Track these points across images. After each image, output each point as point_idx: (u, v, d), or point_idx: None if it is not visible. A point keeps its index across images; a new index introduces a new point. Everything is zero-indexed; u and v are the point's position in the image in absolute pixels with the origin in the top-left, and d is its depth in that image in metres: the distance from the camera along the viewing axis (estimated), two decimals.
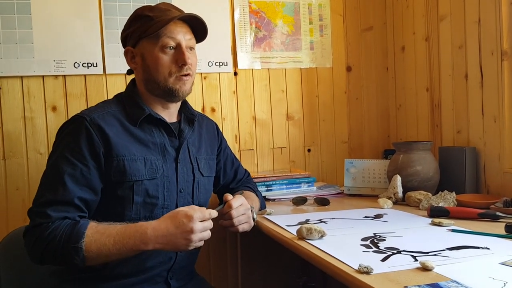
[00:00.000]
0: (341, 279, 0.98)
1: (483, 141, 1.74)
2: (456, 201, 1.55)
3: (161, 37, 1.29)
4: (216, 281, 2.07)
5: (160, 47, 1.29)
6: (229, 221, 1.32)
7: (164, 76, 1.30)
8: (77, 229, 1.12)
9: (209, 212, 1.19)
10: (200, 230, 1.15)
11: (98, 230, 1.14)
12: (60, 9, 1.87)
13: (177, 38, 1.30)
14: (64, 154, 1.20)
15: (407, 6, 2.16)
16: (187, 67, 1.31)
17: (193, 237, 1.14)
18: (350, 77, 2.30)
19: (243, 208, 1.35)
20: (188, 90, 1.35)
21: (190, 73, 1.33)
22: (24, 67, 1.83)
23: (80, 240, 1.11)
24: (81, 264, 1.12)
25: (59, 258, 1.13)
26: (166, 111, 1.37)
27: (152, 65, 1.31)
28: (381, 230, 1.30)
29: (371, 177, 1.92)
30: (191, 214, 1.15)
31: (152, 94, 1.34)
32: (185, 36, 1.32)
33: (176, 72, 1.30)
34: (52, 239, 1.11)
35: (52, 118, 1.87)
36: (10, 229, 1.52)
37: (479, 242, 1.13)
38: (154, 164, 1.29)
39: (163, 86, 1.31)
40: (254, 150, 2.15)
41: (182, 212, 1.16)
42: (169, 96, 1.33)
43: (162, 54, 1.30)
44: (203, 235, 1.17)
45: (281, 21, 2.18)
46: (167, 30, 1.29)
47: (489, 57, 1.69)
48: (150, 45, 1.30)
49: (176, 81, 1.31)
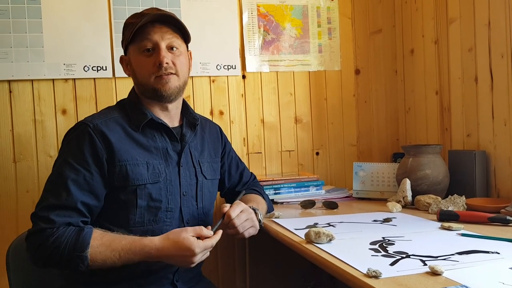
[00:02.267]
0: (349, 283, 0.98)
1: (493, 144, 1.73)
2: (466, 205, 1.54)
3: (141, 40, 1.31)
4: (224, 284, 2.07)
5: (139, 50, 1.32)
6: (234, 230, 1.31)
7: (145, 77, 1.32)
8: (82, 238, 1.14)
9: (211, 243, 1.20)
10: (200, 258, 1.19)
11: (103, 242, 1.15)
12: (70, 13, 1.89)
13: (154, 39, 1.31)
14: (67, 160, 1.22)
15: (416, 8, 2.15)
16: (166, 67, 1.31)
17: (193, 264, 1.19)
18: (358, 80, 2.29)
19: (245, 214, 1.33)
20: (174, 89, 1.33)
21: (173, 72, 1.33)
22: (35, 70, 1.85)
23: (85, 250, 1.13)
24: (85, 270, 1.15)
25: (64, 264, 1.15)
26: (166, 113, 1.38)
27: (136, 68, 1.34)
28: (390, 234, 1.29)
29: (380, 180, 1.91)
30: (193, 249, 1.15)
31: (146, 97, 1.36)
32: (164, 36, 1.32)
33: (155, 72, 1.31)
34: (57, 246, 1.13)
35: (62, 121, 1.89)
36: (20, 231, 1.53)
37: (489, 246, 1.12)
38: (156, 168, 1.30)
39: (148, 88, 1.33)
40: (262, 153, 2.15)
41: (186, 245, 1.16)
42: (157, 97, 1.34)
43: (143, 56, 1.32)
44: (204, 256, 1.21)
45: (289, 24, 2.18)
46: (144, 32, 1.31)
47: (499, 59, 1.68)
48: (134, 50, 1.34)
49: (157, 81, 1.32)
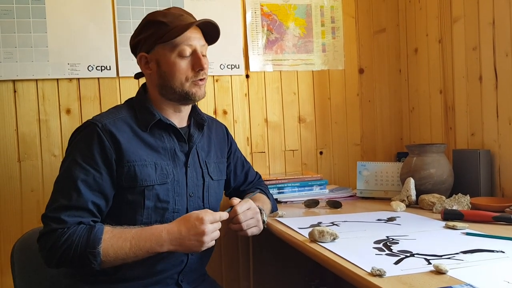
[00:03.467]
0: (353, 282, 0.97)
1: (498, 143, 1.72)
2: (470, 204, 1.53)
3: (179, 44, 1.30)
4: (228, 283, 2.07)
5: (177, 53, 1.30)
6: (238, 225, 1.32)
7: (181, 82, 1.31)
8: (93, 234, 1.14)
9: (219, 215, 1.23)
10: (211, 231, 1.20)
11: (114, 234, 1.17)
12: (74, 13, 1.89)
13: (194, 45, 1.32)
14: (76, 160, 1.22)
15: (420, 7, 2.15)
16: (203, 72, 1.33)
17: (205, 238, 1.19)
18: (362, 79, 2.29)
19: (251, 212, 1.34)
20: (204, 94, 1.37)
21: (205, 77, 1.36)
22: (39, 70, 1.85)
23: (98, 245, 1.13)
24: (98, 267, 1.15)
25: (76, 263, 1.15)
26: (177, 115, 1.38)
27: (168, 71, 1.32)
28: (394, 233, 1.29)
29: (384, 180, 1.91)
30: (202, 216, 1.19)
31: (167, 98, 1.35)
32: (200, 42, 1.34)
33: (192, 77, 1.32)
34: (69, 245, 1.13)
35: (66, 121, 1.89)
36: (25, 230, 1.54)
37: (493, 245, 1.12)
38: (164, 169, 1.31)
39: (180, 91, 1.32)
40: (266, 153, 2.15)
41: (194, 215, 1.20)
42: (185, 100, 1.35)
43: (179, 60, 1.31)
44: (214, 235, 1.22)
45: (292, 24, 2.18)
46: (184, 36, 1.30)
47: (504, 58, 1.67)
48: (166, 51, 1.31)
49: (192, 86, 1.33)
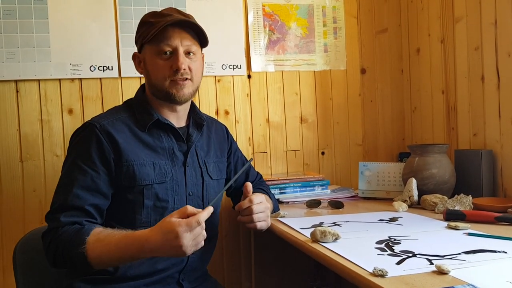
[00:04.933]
0: (355, 282, 0.97)
1: (500, 143, 1.72)
2: (472, 204, 1.53)
3: (159, 43, 1.31)
4: (230, 283, 2.07)
5: (157, 52, 1.32)
6: (249, 217, 1.32)
7: (160, 80, 1.32)
8: (79, 235, 1.15)
9: (196, 220, 1.07)
10: (190, 240, 1.07)
11: (99, 238, 1.15)
12: (77, 14, 1.89)
13: (174, 44, 1.31)
14: (75, 161, 1.24)
15: (422, 8, 2.15)
16: (183, 72, 1.31)
17: (185, 249, 1.07)
18: (364, 79, 2.29)
19: (263, 206, 1.36)
20: (188, 95, 1.34)
21: (189, 77, 1.33)
22: (41, 70, 1.86)
23: (81, 246, 1.13)
24: (87, 268, 1.15)
25: (68, 262, 1.16)
26: (174, 114, 1.38)
27: (150, 69, 1.34)
28: (396, 233, 1.29)
29: (385, 180, 1.91)
30: (176, 230, 1.06)
31: (157, 98, 1.36)
32: (183, 42, 1.32)
33: (170, 76, 1.31)
34: (58, 244, 1.16)
35: (69, 121, 1.90)
36: (27, 230, 1.54)
37: (496, 246, 1.11)
38: (163, 169, 1.31)
39: (161, 89, 1.33)
40: (267, 153, 2.15)
41: (168, 227, 1.07)
42: (170, 100, 1.34)
43: (159, 59, 1.32)
44: (197, 240, 1.09)
45: (294, 24, 2.18)
46: (164, 35, 1.30)
47: (506, 58, 1.67)
48: (150, 50, 1.33)
49: (172, 85, 1.32)
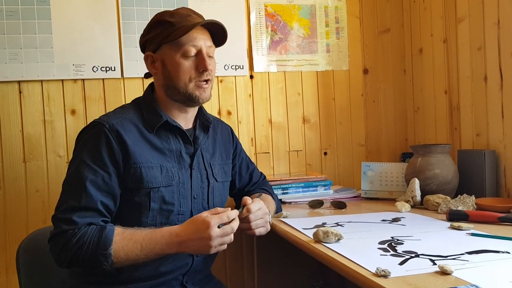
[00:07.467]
0: (358, 282, 0.97)
1: (503, 144, 1.71)
2: (475, 204, 1.53)
3: (184, 44, 1.29)
4: (233, 284, 2.07)
5: (182, 53, 1.30)
6: (247, 224, 1.32)
7: (185, 82, 1.31)
8: (105, 236, 1.14)
9: (227, 215, 1.18)
10: (219, 235, 1.16)
11: (125, 236, 1.16)
12: (79, 15, 1.90)
13: (199, 45, 1.31)
14: (85, 161, 1.22)
15: (425, 8, 2.14)
16: (207, 73, 1.32)
17: (212, 243, 1.15)
18: (367, 79, 2.29)
19: (261, 212, 1.35)
20: (208, 97, 1.36)
21: (210, 79, 1.34)
22: (44, 71, 1.86)
23: (109, 247, 1.13)
24: (109, 268, 1.15)
25: (87, 263, 1.15)
26: (183, 116, 1.38)
27: (172, 71, 1.31)
28: (399, 233, 1.29)
29: (388, 180, 1.90)
30: (208, 220, 1.15)
31: (172, 99, 1.35)
32: (206, 43, 1.33)
33: (196, 78, 1.31)
34: (80, 245, 1.13)
35: (71, 122, 1.90)
36: (30, 231, 1.54)
37: (499, 246, 1.11)
38: (170, 171, 1.31)
39: (183, 91, 1.32)
40: (270, 153, 2.15)
41: (201, 218, 1.17)
42: (189, 101, 1.34)
43: (184, 60, 1.30)
44: (224, 240, 1.17)
45: (297, 24, 2.18)
46: (189, 36, 1.29)
47: (509, 58, 1.67)
48: (171, 51, 1.31)
49: (196, 88, 1.32)
